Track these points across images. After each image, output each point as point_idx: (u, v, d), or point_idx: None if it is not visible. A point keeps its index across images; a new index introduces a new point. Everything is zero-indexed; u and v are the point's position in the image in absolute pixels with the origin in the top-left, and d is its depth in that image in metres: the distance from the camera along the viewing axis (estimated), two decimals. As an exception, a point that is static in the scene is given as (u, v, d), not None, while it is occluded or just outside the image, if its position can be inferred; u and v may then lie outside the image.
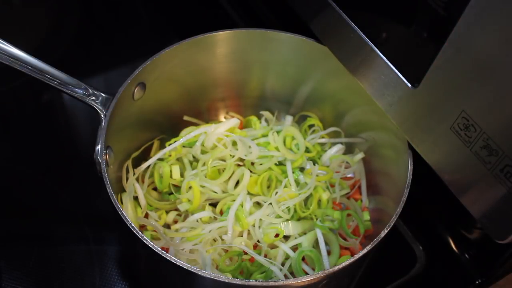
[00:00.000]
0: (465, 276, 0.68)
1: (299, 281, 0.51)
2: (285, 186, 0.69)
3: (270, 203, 0.67)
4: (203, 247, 0.63)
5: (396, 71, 0.54)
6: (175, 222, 0.68)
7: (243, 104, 0.79)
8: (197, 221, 0.66)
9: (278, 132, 0.73)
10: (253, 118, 0.78)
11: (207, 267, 0.60)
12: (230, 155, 0.69)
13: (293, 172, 0.70)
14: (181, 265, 0.50)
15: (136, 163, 0.70)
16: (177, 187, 0.70)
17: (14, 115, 0.87)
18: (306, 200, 0.69)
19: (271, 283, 0.50)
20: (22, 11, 0.97)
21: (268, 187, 0.69)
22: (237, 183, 0.69)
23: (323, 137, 0.76)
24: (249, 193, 0.68)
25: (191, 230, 0.65)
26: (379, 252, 0.57)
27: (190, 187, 0.67)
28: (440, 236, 0.71)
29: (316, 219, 0.67)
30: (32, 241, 0.72)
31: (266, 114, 0.78)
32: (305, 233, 0.67)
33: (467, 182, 0.50)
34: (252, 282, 0.52)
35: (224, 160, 0.69)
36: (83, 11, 1.00)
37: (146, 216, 0.68)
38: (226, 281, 0.50)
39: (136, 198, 0.67)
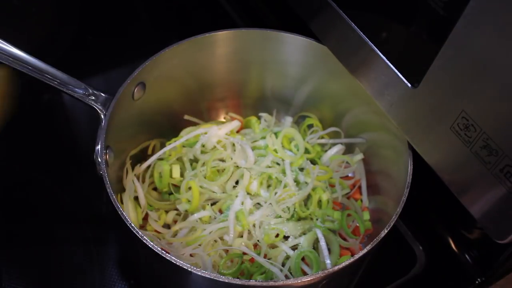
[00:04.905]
0: (465, 276, 0.68)
1: (299, 281, 0.51)
2: (285, 186, 0.69)
3: (270, 203, 0.67)
4: (204, 249, 0.63)
5: (396, 71, 0.54)
6: (175, 222, 0.68)
7: (243, 104, 0.79)
8: (197, 221, 0.66)
9: (277, 133, 0.73)
10: (253, 119, 0.78)
11: (207, 269, 0.60)
12: (230, 157, 0.69)
13: (292, 172, 0.70)
14: (181, 265, 0.50)
15: (136, 164, 0.70)
16: (177, 187, 0.70)
17: (14, 115, 0.87)
18: (306, 200, 0.69)
19: (271, 283, 0.50)
20: (22, 11, 0.96)
21: (268, 186, 0.69)
22: (237, 183, 0.69)
23: (322, 137, 0.76)
24: (248, 193, 0.68)
25: (191, 233, 0.65)
26: (379, 252, 0.57)
27: (189, 188, 0.67)
28: (440, 236, 0.71)
29: (316, 219, 0.67)
30: (32, 241, 0.72)
31: (265, 116, 0.78)
32: (305, 234, 0.67)
33: (467, 182, 0.50)
34: (252, 282, 0.52)
35: (223, 161, 0.69)
36: (83, 11, 1.00)
37: (146, 216, 0.68)
38: (226, 281, 0.50)
39: (136, 198, 0.67)
